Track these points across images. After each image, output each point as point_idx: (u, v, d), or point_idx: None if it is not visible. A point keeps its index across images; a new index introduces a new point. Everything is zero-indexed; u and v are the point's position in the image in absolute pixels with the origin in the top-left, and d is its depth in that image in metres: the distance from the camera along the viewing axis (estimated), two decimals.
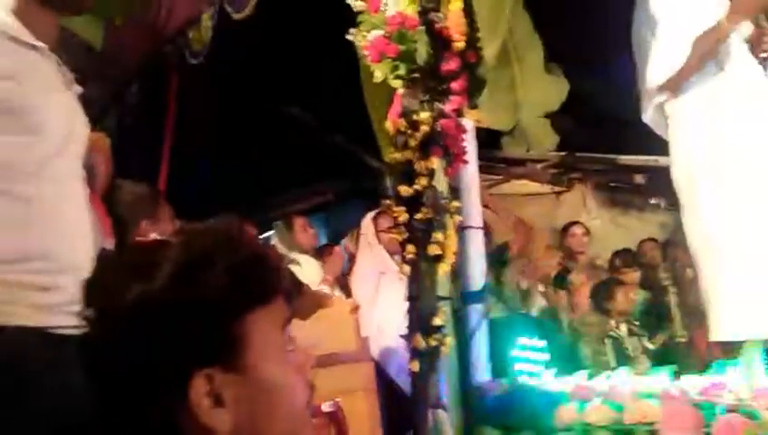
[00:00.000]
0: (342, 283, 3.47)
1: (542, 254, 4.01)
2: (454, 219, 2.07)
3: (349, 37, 2.23)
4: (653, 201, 4.70)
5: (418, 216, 2.00)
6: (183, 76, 4.33)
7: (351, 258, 3.62)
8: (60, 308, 1.31)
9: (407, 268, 1.99)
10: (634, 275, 3.83)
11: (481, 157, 2.55)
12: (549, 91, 3.48)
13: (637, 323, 3.36)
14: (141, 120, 4.67)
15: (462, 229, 2.17)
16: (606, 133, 4.00)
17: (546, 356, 2.48)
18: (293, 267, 3.31)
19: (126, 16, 2.93)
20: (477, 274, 2.14)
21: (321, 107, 5.16)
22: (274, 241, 3.62)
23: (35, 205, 1.33)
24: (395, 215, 2.04)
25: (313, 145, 5.53)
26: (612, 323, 3.37)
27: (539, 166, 4.15)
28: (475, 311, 2.08)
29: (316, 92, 4.81)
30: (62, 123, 1.41)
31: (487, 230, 3.91)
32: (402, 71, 2.17)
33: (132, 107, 4.63)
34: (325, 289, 3.17)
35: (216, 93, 4.78)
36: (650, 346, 3.23)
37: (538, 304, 3.61)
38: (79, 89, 1.56)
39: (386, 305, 2.98)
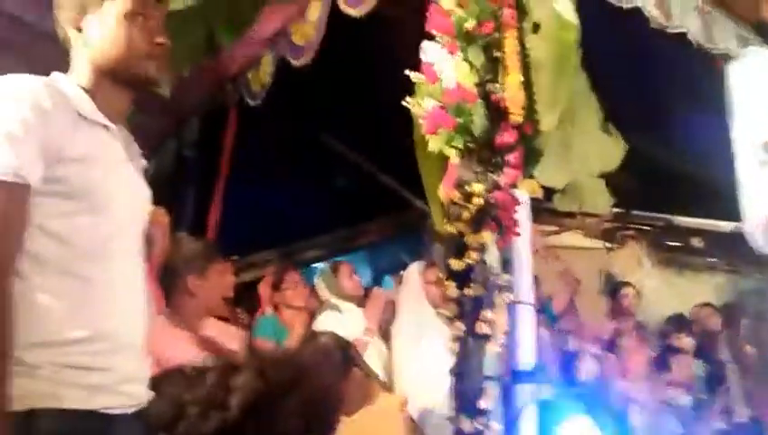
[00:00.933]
0: (383, 331, 3.44)
1: (591, 313, 3.91)
2: (504, 296, 2.03)
3: (405, 104, 2.24)
4: (711, 260, 4.55)
5: (468, 291, 1.98)
6: (241, 114, 4.44)
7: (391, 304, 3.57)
8: (110, 388, 1.32)
9: (454, 345, 1.96)
10: (688, 342, 3.70)
11: (533, 207, 2.51)
12: (605, 151, 3.41)
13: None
14: (198, 154, 4.80)
15: (512, 304, 2.13)
16: (664, 192, 3.91)
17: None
18: (333, 314, 3.30)
19: (192, 66, 3.03)
20: (527, 352, 2.09)
21: (369, 148, 5.21)
22: (318, 285, 3.63)
23: (96, 284, 1.36)
24: (444, 288, 2.02)
25: (361, 185, 5.58)
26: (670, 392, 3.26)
27: (592, 220, 4.06)
28: (524, 391, 2.03)
29: (364, 133, 4.85)
30: (126, 202, 1.45)
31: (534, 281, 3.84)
32: (458, 142, 2.16)
33: (191, 141, 4.77)
34: (366, 338, 3.15)
35: (272, 133, 4.87)
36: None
37: (587, 368, 3.50)
38: (143, 162, 1.61)
39: (426, 362, 2.95)
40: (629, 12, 3.04)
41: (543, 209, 4.15)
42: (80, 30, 1.46)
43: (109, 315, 1.36)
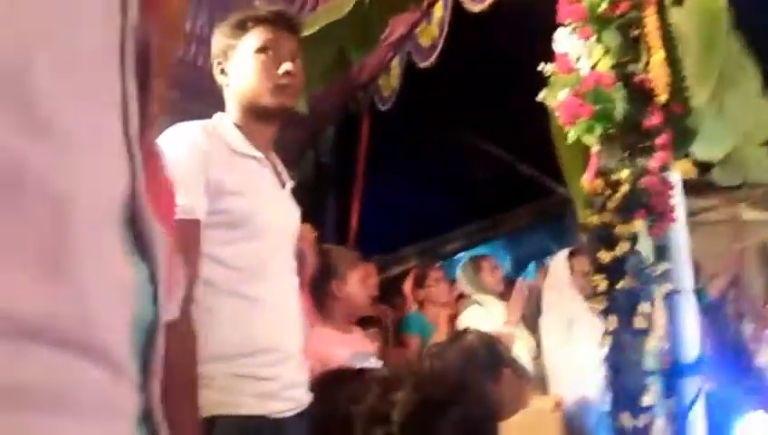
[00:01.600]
0: (527, 322, 3.39)
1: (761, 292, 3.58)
2: (662, 287, 1.94)
3: (539, 98, 2.20)
4: None
5: (620, 285, 1.91)
6: (374, 119, 4.58)
7: (536, 293, 3.51)
8: (278, 395, 1.47)
9: (607, 339, 1.91)
10: None
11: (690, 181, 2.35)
12: (766, 116, 3.10)
13: None
14: (335, 160, 5.02)
15: (671, 294, 2.03)
16: None
17: None
18: (477, 309, 3.31)
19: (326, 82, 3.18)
20: (690, 342, 1.99)
21: (504, 137, 5.16)
22: (460, 280, 3.66)
23: (260, 302, 1.51)
24: (594, 284, 1.97)
25: (499, 174, 5.54)
26: None
27: (758, 191, 3.71)
28: (690, 384, 1.93)
29: (500, 125, 4.82)
30: (280, 225, 1.59)
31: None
32: (598, 130, 2.08)
33: (327, 148, 5.00)
34: (509, 330, 3.12)
35: (405, 134, 4.98)
36: None
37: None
38: (291, 184, 1.73)
39: (577, 356, 2.88)
40: None
41: (704, 184, 3.84)
42: (225, 73, 1.61)
43: (271, 330, 1.50)
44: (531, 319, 3.28)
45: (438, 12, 3.37)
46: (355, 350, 2.34)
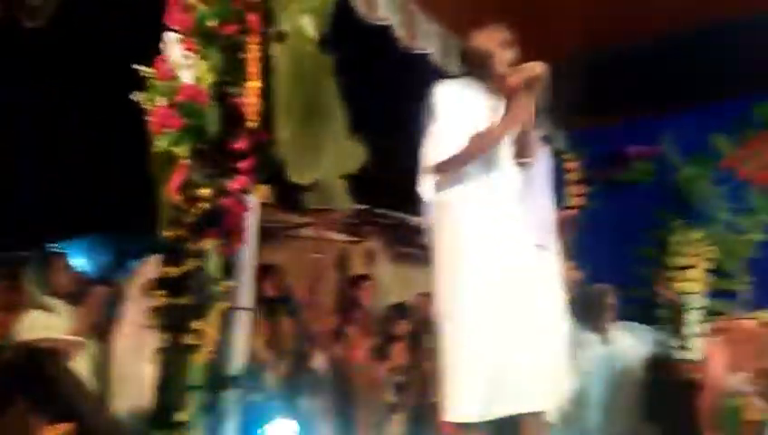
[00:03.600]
0: (101, 330, 3.07)
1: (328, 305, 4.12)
2: (221, 305, 2.04)
3: (133, 98, 2.10)
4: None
5: (181, 300, 1.95)
6: None
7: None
8: None
9: (158, 356, 1.92)
10: (404, 328, 4.08)
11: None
12: (348, 155, 3.59)
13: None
14: None
15: (231, 310, 2.15)
16: (401, 193, 4.24)
17: None
18: (37, 315, 2.86)
19: None
20: (238, 357, 2.14)
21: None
22: (26, 280, 3.07)
23: None
24: (157, 298, 1.96)
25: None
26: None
27: (336, 216, 4.27)
28: (231, 397, 2.07)
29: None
30: None
31: (280, 271, 3.91)
32: (187, 144, 2.09)
33: None
34: (74, 338, 2.83)
35: None
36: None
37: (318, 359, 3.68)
38: None
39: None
40: (383, 28, 3.24)
41: (297, 204, 4.24)
42: None
43: None
44: (102, 325, 3.02)
45: None
46: None
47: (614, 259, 4.13)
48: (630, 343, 3.63)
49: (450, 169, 2.19)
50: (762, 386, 2.95)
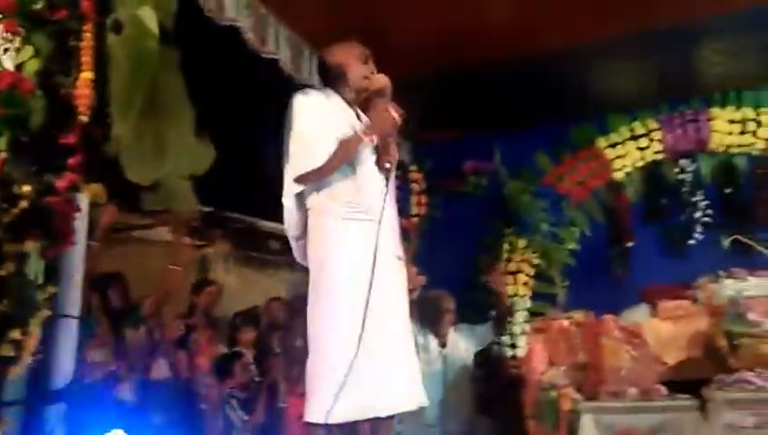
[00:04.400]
0: None
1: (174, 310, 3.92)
2: (42, 312, 1.88)
3: None
4: (288, 259, 5.03)
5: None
6: None
7: None
8: None
9: None
10: (251, 336, 4.00)
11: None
12: (196, 154, 3.47)
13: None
14: None
15: (54, 318, 1.98)
16: (251, 197, 4.17)
17: None
18: None
19: None
20: (65, 369, 1.98)
21: None
22: None
23: None
24: None
25: None
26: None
27: (182, 217, 4.08)
28: (55, 412, 1.91)
29: None
30: None
31: (124, 281, 3.64)
32: (6, 135, 1.90)
33: None
34: None
35: None
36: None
37: (163, 368, 3.49)
38: None
39: None
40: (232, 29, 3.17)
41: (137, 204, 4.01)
42: None
43: None
44: None
45: None
46: None
47: (453, 265, 4.38)
48: (465, 344, 3.85)
49: (315, 177, 2.19)
50: (574, 378, 3.27)
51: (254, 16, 3.26)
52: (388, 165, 2.31)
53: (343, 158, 2.20)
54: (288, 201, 2.28)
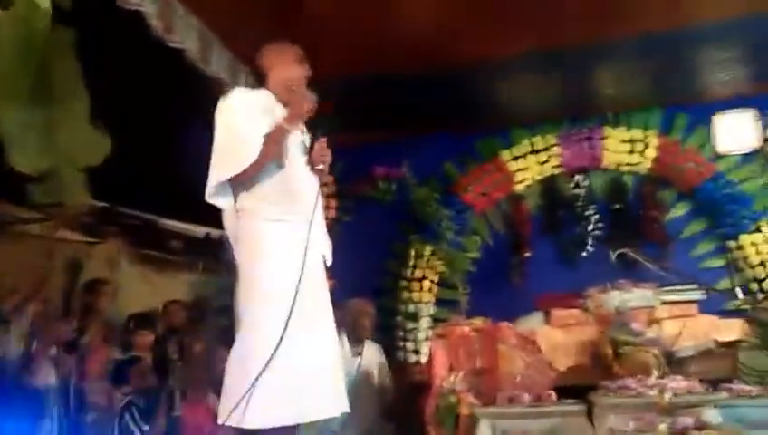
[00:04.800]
0: None
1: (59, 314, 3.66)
2: None
3: None
4: (188, 259, 4.85)
5: None
6: None
7: None
8: None
9: None
10: (148, 339, 3.81)
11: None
12: (91, 144, 3.27)
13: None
14: None
15: None
16: (151, 193, 3.98)
17: None
18: None
19: None
20: None
21: None
22: None
23: None
24: None
25: None
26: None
27: (72, 212, 3.83)
28: None
29: None
30: None
31: None
32: None
33: None
34: None
35: None
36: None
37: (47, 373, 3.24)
38: None
39: None
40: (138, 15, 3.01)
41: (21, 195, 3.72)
42: None
43: None
44: None
45: None
46: None
47: (363, 270, 4.37)
48: (374, 350, 3.86)
49: (244, 176, 2.14)
50: (472, 384, 3.35)
51: (161, 2, 3.10)
52: (321, 166, 2.30)
53: (271, 151, 2.15)
54: (224, 203, 2.22)
